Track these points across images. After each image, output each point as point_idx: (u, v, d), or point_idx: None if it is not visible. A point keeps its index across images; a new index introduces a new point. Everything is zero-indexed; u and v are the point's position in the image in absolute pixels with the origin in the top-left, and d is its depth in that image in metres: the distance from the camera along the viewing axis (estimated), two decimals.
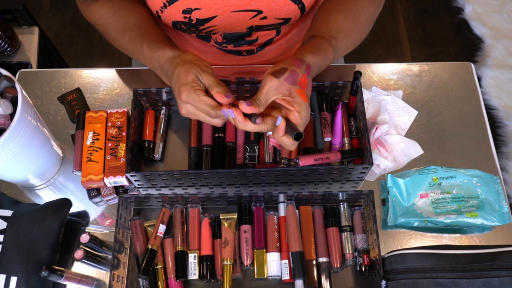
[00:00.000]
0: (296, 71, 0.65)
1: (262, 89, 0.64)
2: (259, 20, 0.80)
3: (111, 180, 0.79)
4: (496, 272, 0.70)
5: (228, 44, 0.89)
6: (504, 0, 2.02)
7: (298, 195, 0.77)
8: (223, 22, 0.80)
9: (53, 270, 0.69)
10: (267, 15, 0.78)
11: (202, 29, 0.82)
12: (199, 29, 0.82)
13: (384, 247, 0.79)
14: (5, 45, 1.38)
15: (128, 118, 0.86)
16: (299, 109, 0.64)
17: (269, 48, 0.92)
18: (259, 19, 0.80)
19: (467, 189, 0.80)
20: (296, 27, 0.91)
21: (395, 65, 0.96)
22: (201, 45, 0.91)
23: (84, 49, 1.97)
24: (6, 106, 0.70)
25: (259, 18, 0.79)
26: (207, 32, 0.84)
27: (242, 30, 0.83)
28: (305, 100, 0.64)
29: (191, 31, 0.83)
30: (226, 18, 0.79)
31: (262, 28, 0.84)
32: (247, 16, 0.79)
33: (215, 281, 0.77)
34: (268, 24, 0.82)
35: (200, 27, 0.81)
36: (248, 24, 0.81)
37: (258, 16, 0.79)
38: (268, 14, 0.78)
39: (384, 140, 0.85)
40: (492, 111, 1.79)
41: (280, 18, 0.80)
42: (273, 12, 0.78)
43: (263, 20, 0.80)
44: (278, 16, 0.79)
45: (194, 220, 0.78)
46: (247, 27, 0.82)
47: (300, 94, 0.64)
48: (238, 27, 0.82)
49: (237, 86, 0.83)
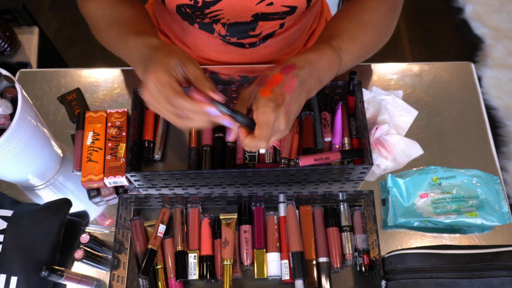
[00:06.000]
0: (266, 74, 0.66)
1: (238, 99, 0.67)
2: (265, 7, 0.79)
3: (111, 180, 0.79)
4: (496, 272, 0.70)
5: (232, 37, 0.88)
6: (504, 0, 2.02)
7: (298, 195, 0.77)
8: (229, 6, 0.78)
9: (53, 270, 0.69)
10: (273, 1, 0.78)
11: (207, 13, 0.80)
12: (204, 13, 0.80)
13: (384, 247, 0.79)
14: (5, 45, 1.38)
15: (128, 118, 0.86)
16: (256, 106, 0.63)
17: (271, 41, 0.91)
18: (265, 5, 0.79)
19: (467, 189, 0.80)
20: (299, 22, 0.90)
21: (395, 65, 0.96)
22: (204, 36, 0.90)
23: (84, 49, 1.97)
24: (6, 106, 0.70)
25: (265, 4, 0.78)
26: (212, 17, 0.82)
27: (247, 17, 0.82)
28: (265, 95, 0.63)
29: (195, 15, 0.82)
30: (233, 1, 0.78)
31: (267, 17, 0.82)
32: (253, 1, 0.78)
33: (215, 281, 0.77)
34: (274, 12, 0.80)
35: (205, 10, 0.79)
36: (254, 11, 0.80)
37: (265, 1, 0.78)
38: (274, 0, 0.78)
39: (384, 140, 0.85)
40: (492, 111, 1.79)
41: (286, 5, 0.79)
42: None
43: (269, 7, 0.79)
44: (285, 2, 0.78)
45: (194, 220, 0.78)
46: (253, 14, 0.81)
47: (261, 92, 0.63)
48: (243, 13, 0.80)
49: (237, 86, 0.83)
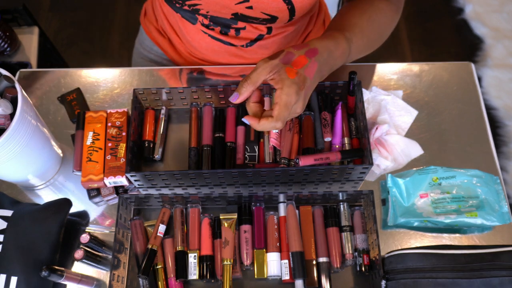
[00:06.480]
0: (292, 52, 0.66)
1: (254, 69, 0.66)
2: (245, 9, 0.79)
3: (111, 180, 0.79)
4: (496, 272, 0.70)
5: (215, 27, 0.88)
6: (504, 0, 2.02)
7: (298, 195, 0.77)
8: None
9: (53, 270, 0.69)
10: (253, 5, 0.77)
11: (186, 2, 0.80)
12: (184, 1, 0.80)
13: (384, 247, 0.79)
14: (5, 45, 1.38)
15: (128, 118, 0.86)
16: (281, 85, 0.64)
17: (261, 44, 0.90)
18: (245, 8, 0.78)
19: (467, 189, 0.80)
20: (291, 27, 0.90)
21: (395, 65, 0.96)
22: (191, 29, 0.90)
23: (84, 49, 1.97)
24: (6, 106, 0.70)
25: (244, 6, 0.78)
26: (191, 6, 0.82)
27: (227, 15, 0.82)
28: (291, 76, 0.64)
29: (177, 2, 0.82)
30: None
31: (247, 19, 0.82)
32: (233, 0, 0.78)
33: (215, 281, 0.77)
34: (254, 16, 0.80)
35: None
36: (233, 10, 0.80)
37: (244, 4, 0.77)
38: (254, 4, 0.77)
39: (384, 140, 0.85)
40: (492, 111, 1.79)
41: (266, 13, 0.79)
42: (260, 4, 0.77)
43: (248, 10, 0.79)
44: (265, 10, 0.78)
45: (194, 220, 0.78)
46: (232, 13, 0.81)
47: (287, 71, 0.64)
48: (222, 9, 0.80)
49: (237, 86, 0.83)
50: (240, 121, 0.85)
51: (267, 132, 0.82)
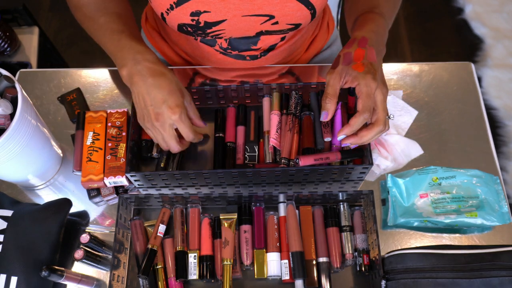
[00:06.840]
0: (347, 52, 0.70)
1: (327, 84, 0.70)
2: (270, 25, 0.79)
3: (111, 180, 0.79)
4: (496, 272, 0.70)
5: (233, 51, 0.88)
6: (504, 0, 2.02)
7: (298, 195, 0.77)
8: (232, 27, 0.78)
9: (53, 270, 0.69)
10: (279, 20, 0.77)
11: (209, 32, 0.80)
12: (206, 32, 0.80)
13: (384, 247, 0.79)
14: (5, 45, 1.38)
15: (128, 118, 0.86)
16: (357, 81, 0.68)
17: (272, 53, 0.90)
18: (270, 24, 0.79)
19: (467, 189, 0.80)
20: (300, 32, 0.89)
21: (395, 65, 0.96)
22: (204, 48, 0.89)
23: (84, 49, 1.97)
24: (6, 106, 0.70)
25: (270, 23, 0.78)
26: (214, 36, 0.82)
27: (251, 34, 0.82)
28: (359, 69, 0.68)
29: (197, 34, 0.81)
30: (236, 22, 0.77)
31: (271, 33, 0.82)
32: (258, 20, 0.77)
33: (215, 281, 0.77)
34: (279, 29, 0.81)
35: (207, 30, 0.79)
36: (258, 29, 0.80)
37: (270, 21, 0.78)
38: (280, 19, 0.77)
39: (384, 140, 0.85)
40: (492, 111, 1.80)
41: (291, 23, 0.79)
42: (286, 17, 0.77)
43: (274, 26, 0.79)
44: (290, 21, 0.78)
45: (194, 220, 0.78)
46: (257, 32, 0.81)
47: (355, 68, 0.68)
48: (247, 31, 0.81)
49: (237, 86, 0.83)
50: (240, 122, 0.85)
51: (267, 132, 0.82)
